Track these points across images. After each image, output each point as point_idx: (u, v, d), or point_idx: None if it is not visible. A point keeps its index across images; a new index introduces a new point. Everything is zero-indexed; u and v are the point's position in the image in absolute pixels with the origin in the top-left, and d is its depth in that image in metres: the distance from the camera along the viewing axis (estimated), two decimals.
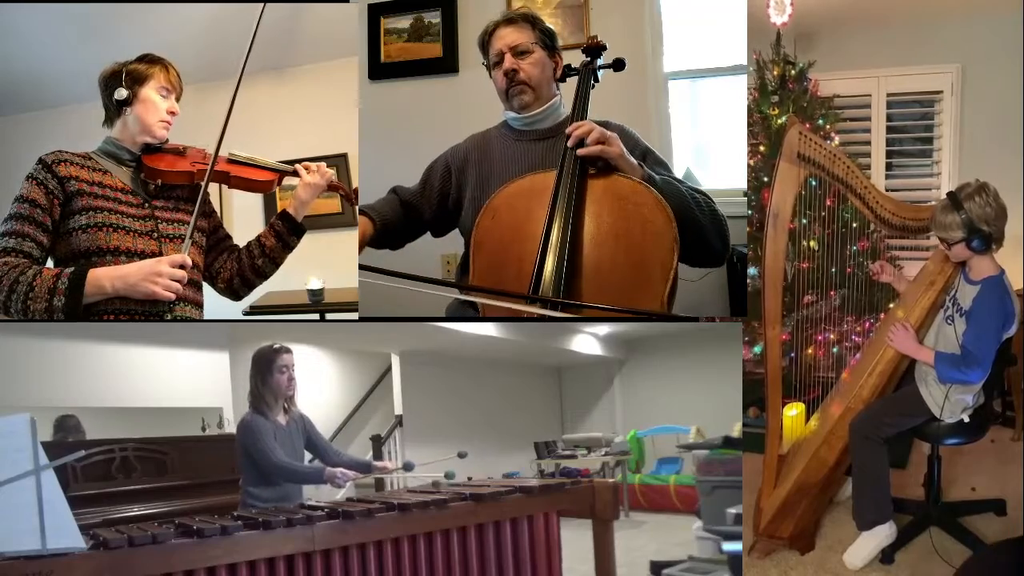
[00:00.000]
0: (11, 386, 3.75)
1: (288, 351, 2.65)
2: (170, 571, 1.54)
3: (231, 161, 2.29)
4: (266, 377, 2.59)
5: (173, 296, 2.02)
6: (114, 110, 2.17)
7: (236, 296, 2.39)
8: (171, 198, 2.22)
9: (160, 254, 2.09)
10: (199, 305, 2.25)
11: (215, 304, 2.42)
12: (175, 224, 2.18)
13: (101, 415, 3.98)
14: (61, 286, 1.92)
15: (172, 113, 2.20)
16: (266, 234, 2.33)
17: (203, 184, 2.15)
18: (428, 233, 2.57)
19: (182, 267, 2.03)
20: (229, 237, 2.40)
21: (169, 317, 2.10)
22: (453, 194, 2.47)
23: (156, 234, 2.13)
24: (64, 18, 3.62)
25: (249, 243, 2.36)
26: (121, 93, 2.13)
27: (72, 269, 1.96)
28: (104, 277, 1.96)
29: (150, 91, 2.16)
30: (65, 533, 1.43)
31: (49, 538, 1.40)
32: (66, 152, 2.10)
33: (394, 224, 2.45)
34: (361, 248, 2.38)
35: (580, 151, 2.11)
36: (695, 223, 2.14)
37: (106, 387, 4.12)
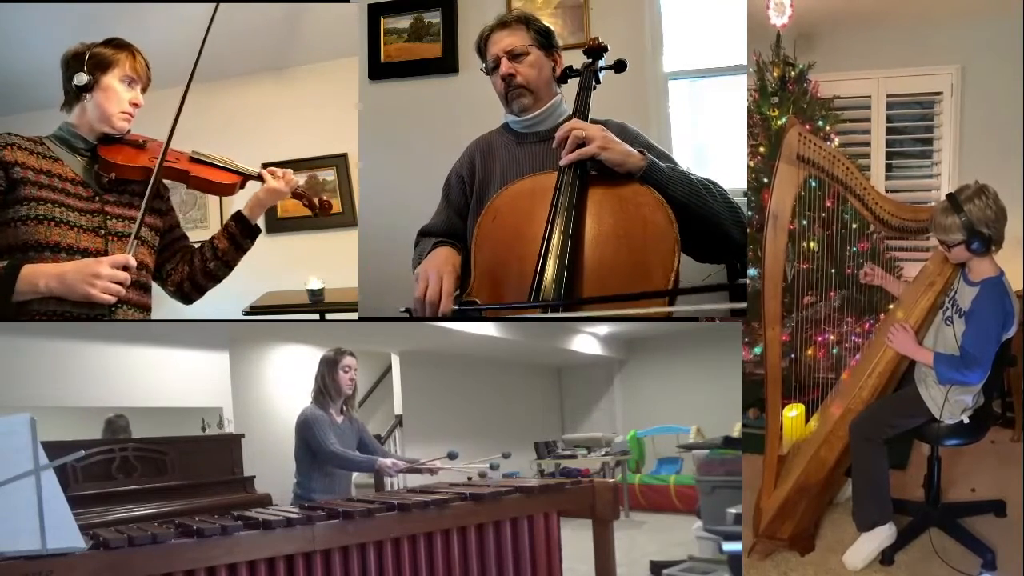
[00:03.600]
0: (11, 386, 3.75)
1: (352, 355, 2.85)
2: (170, 571, 1.54)
3: (193, 160, 2.17)
4: (332, 375, 2.80)
5: (112, 299, 1.88)
6: (73, 94, 2.04)
7: (186, 300, 2.28)
8: (124, 192, 2.09)
9: (106, 253, 1.97)
10: (146, 308, 2.12)
11: (215, 304, 2.42)
12: (125, 221, 2.06)
13: (101, 415, 3.99)
14: None
15: (135, 105, 2.07)
16: (219, 236, 2.23)
17: (152, 180, 2.01)
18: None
19: (125, 268, 1.89)
20: (185, 237, 2.30)
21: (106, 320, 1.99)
22: (473, 199, 2.42)
23: (103, 231, 2.02)
24: (64, 18, 3.62)
25: (202, 245, 2.25)
26: (81, 78, 2.00)
27: (5, 263, 1.84)
28: (40, 274, 1.83)
29: (113, 79, 2.03)
30: (65, 533, 1.43)
31: (49, 538, 1.40)
32: (15, 135, 1.99)
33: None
34: (458, 285, 2.19)
35: (561, 162, 2.10)
36: (709, 210, 2.09)
37: (106, 387, 4.12)
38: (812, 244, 3.13)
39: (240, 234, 2.23)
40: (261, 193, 2.22)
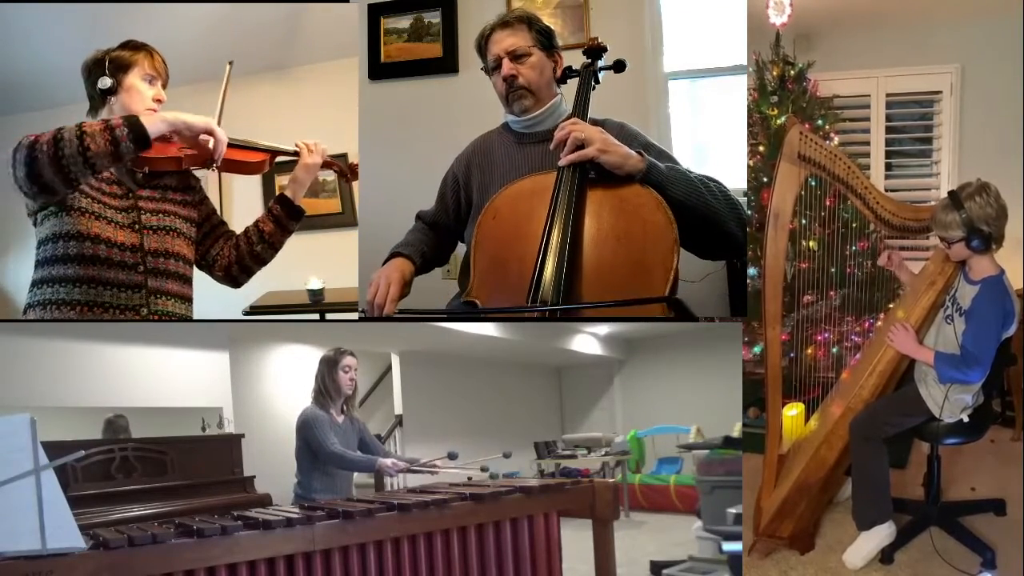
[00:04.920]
0: (11, 386, 3.75)
1: (352, 355, 2.85)
2: (170, 571, 1.54)
3: None
4: (332, 375, 2.81)
5: (225, 141, 2.03)
6: (98, 99, 2.12)
7: (235, 283, 2.34)
8: (157, 187, 2.18)
9: (142, 246, 2.06)
10: (187, 299, 2.19)
11: (214, 304, 2.42)
12: (159, 215, 2.14)
13: (101, 415, 3.99)
14: (117, 122, 1.88)
15: (158, 101, 2.15)
16: (264, 219, 2.30)
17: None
18: None
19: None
20: (224, 224, 2.36)
21: (146, 311, 2.04)
22: (465, 202, 2.45)
23: (138, 226, 2.09)
24: (65, 17, 3.62)
25: (247, 229, 2.32)
26: (105, 82, 2.08)
27: (122, 118, 1.94)
28: (157, 115, 1.98)
29: (135, 79, 2.11)
30: (65, 533, 1.43)
31: (49, 538, 1.40)
32: None
33: (432, 252, 2.42)
34: (405, 292, 2.27)
35: (560, 162, 2.10)
36: (709, 208, 2.09)
37: (106, 387, 4.12)
38: (812, 243, 3.13)
39: (285, 217, 2.30)
40: (299, 172, 2.28)
